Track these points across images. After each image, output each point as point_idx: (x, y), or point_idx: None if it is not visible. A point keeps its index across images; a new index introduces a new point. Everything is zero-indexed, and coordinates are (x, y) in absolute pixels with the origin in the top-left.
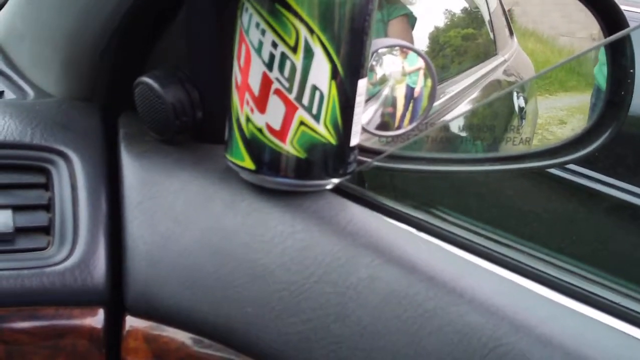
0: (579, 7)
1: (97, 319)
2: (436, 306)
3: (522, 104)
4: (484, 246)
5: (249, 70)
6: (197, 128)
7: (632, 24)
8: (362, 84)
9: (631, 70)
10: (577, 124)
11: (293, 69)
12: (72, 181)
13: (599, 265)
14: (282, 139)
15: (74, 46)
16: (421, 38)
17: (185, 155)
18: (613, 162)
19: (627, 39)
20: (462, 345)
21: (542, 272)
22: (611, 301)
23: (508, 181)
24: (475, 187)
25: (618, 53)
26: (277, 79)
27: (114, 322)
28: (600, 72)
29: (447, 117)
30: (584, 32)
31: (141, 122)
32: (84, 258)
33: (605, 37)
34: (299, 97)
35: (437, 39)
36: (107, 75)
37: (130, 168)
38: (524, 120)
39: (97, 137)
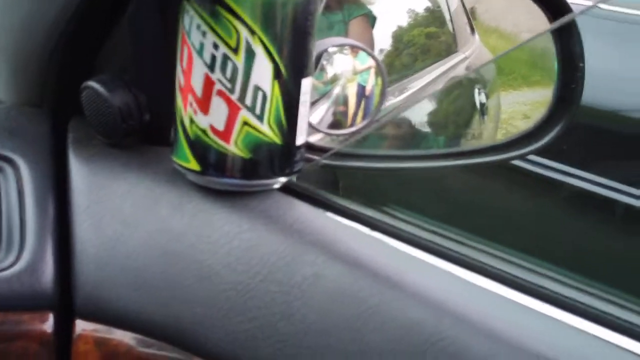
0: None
1: (47, 324)
2: (380, 302)
3: (484, 100)
4: (427, 240)
5: (191, 72)
6: (145, 131)
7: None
8: (307, 83)
9: (581, 64)
10: (540, 118)
11: (235, 69)
12: (19, 187)
13: (544, 256)
14: (226, 140)
15: (21, 51)
16: (385, 37)
17: (132, 158)
18: (566, 151)
19: (574, 31)
20: (405, 341)
21: (486, 264)
22: (556, 292)
23: (454, 176)
24: (423, 184)
25: (566, 46)
26: (219, 80)
27: (64, 326)
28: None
29: (409, 115)
30: (547, 27)
31: (89, 125)
32: (32, 263)
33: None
34: (242, 98)
35: (401, 38)
36: (55, 80)
37: (78, 172)
38: (485, 117)
39: (46, 143)
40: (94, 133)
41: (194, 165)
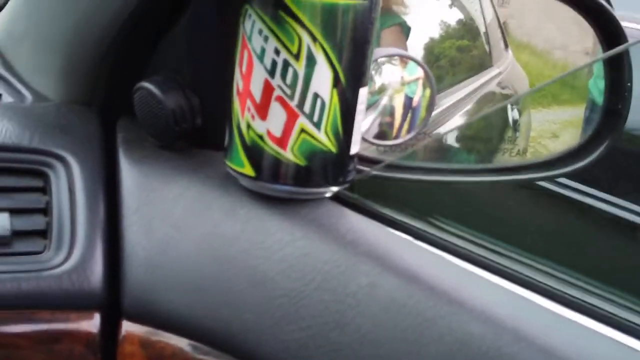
0: (573, 21)
1: (93, 323)
2: (436, 315)
3: (517, 117)
4: (482, 256)
5: (250, 77)
6: (197, 134)
7: (630, 40)
8: (364, 93)
9: (628, 84)
10: (569, 138)
11: (295, 76)
12: (70, 185)
13: (596, 277)
14: (283, 146)
15: (74, 51)
16: (416, 48)
17: (184, 161)
18: (609, 178)
19: (624, 52)
20: (462, 354)
21: (542, 283)
22: (609, 312)
23: (506, 192)
24: (473, 198)
25: (615, 66)
26: (279, 86)
27: (111, 327)
28: (595, 86)
29: (444, 128)
30: (578, 45)
31: (140, 127)
32: (81, 262)
33: (604, 49)
34: (301, 105)
35: (432, 50)
36: (106, 79)
37: (129, 173)
38: (518, 133)
39: (96, 142)
40: (145, 134)
41: (248, 170)
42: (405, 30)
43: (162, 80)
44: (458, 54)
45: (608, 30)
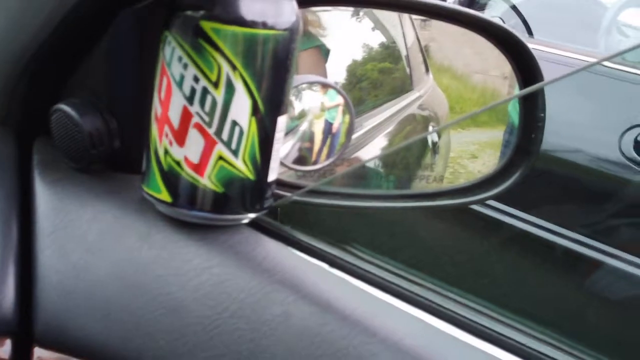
0: (491, 46)
1: (4, 350)
2: (349, 345)
3: (436, 139)
4: (397, 285)
5: (169, 103)
6: (114, 157)
7: (543, 64)
8: (282, 121)
9: (542, 114)
10: (487, 159)
11: (214, 103)
12: None
13: (510, 304)
14: (200, 173)
15: None
16: (338, 70)
17: (100, 184)
18: (523, 197)
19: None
20: None
21: (455, 312)
22: (521, 343)
23: (421, 218)
24: (390, 224)
25: (529, 99)
26: (197, 113)
27: (22, 353)
28: (514, 109)
29: (364, 153)
30: (496, 70)
31: (57, 148)
32: None
33: (519, 79)
34: (219, 132)
35: (354, 72)
36: (23, 99)
37: (43, 196)
38: (437, 155)
39: (10, 163)
40: (61, 156)
41: (165, 196)
42: (323, 52)
43: (79, 102)
44: (380, 76)
45: (522, 62)
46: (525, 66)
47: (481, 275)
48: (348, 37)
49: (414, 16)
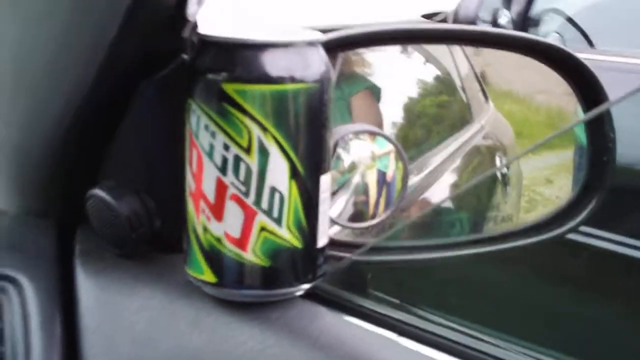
0: None
1: None
2: None
3: (505, 170)
4: (476, 350)
5: (202, 176)
6: (157, 239)
7: (609, 74)
8: (326, 180)
9: (611, 134)
10: (563, 182)
11: (248, 171)
12: (24, 309)
13: None
14: (243, 248)
15: (23, 159)
16: (394, 110)
17: (145, 269)
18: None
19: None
20: None
21: None
22: None
23: (497, 265)
24: (462, 276)
25: (595, 121)
26: (233, 184)
27: None
28: (580, 129)
29: (432, 194)
30: (561, 87)
31: (97, 235)
32: None
33: (580, 101)
34: (258, 201)
35: (412, 109)
36: (61, 189)
37: (87, 288)
38: (508, 187)
39: (52, 257)
40: (103, 243)
41: (209, 276)
42: (375, 92)
43: (114, 185)
44: (439, 111)
45: (584, 85)
46: (585, 85)
47: (576, 325)
48: (399, 74)
49: None
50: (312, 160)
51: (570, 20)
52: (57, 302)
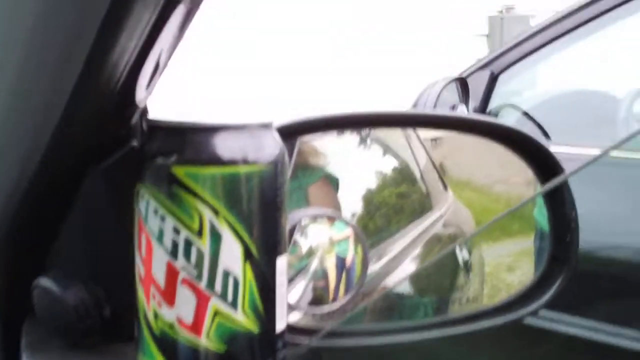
0: (509, 153)
1: None
2: None
3: (466, 257)
4: None
5: (151, 261)
6: (107, 327)
7: (565, 165)
8: (282, 262)
9: (573, 214)
10: (526, 268)
11: (200, 255)
12: None
13: None
14: (197, 333)
15: None
16: (354, 200)
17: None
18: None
19: (563, 183)
20: None
21: None
22: None
23: (463, 346)
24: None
25: (556, 199)
26: (184, 268)
27: None
28: (540, 214)
29: (389, 282)
30: (518, 176)
31: (43, 326)
32: None
33: (541, 182)
34: (211, 285)
35: (371, 200)
36: (5, 278)
37: None
38: (470, 273)
39: None
40: (51, 335)
41: None
42: (332, 182)
43: (60, 274)
44: (398, 201)
45: (541, 163)
46: (542, 164)
47: None
48: (358, 165)
49: (424, 137)
50: (266, 242)
51: (526, 114)
52: None
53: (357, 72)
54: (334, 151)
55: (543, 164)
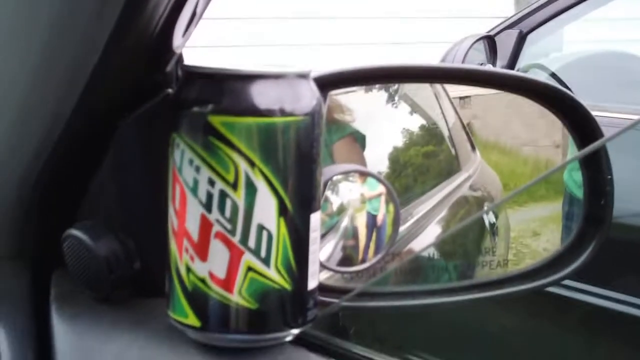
0: (538, 114)
1: None
2: None
3: (493, 220)
4: None
5: (185, 213)
6: (137, 281)
7: (604, 130)
8: (316, 219)
9: (609, 177)
10: (551, 235)
11: (235, 208)
12: None
13: None
14: (229, 289)
15: None
16: (380, 159)
17: (123, 314)
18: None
19: (601, 148)
20: None
21: None
22: None
23: (490, 310)
24: (456, 322)
25: (592, 161)
26: (218, 221)
27: None
28: (570, 178)
29: (417, 244)
30: (547, 139)
31: (73, 278)
32: None
33: (577, 142)
34: (244, 240)
35: (397, 159)
36: (35, 229)
37: (62, 333)
38: (496, 237)
39: (25, 300)
40: (80, 287)
41: (193, 320)
42: (359, 139)
43: (91, 225)
44: (425, 161)
45: (580, 124)
46: (581, 125)
47: None
48: (385, 123)
49: (452, 95)
50: (302, 197)
51: (554, 75)
52: (31, 347)
53: (382, 31)
54: (362, 108)
55: (581, 123)
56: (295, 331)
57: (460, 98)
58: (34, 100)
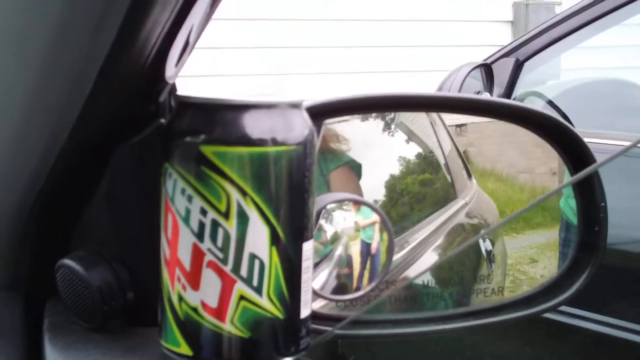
0: (534, 143)
1: None
2: None
3: (490, 247)
4: None
5: (177, 243)
6: (130, 311)
7: (597, 156)
8: (308, 247)
9: (602, 204)
10: (548, 262)
11: (227, 237)
12: None
13: None
14: (221, 318)
15: None
16: (376, 187)
17: (116, 344)
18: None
19: (594, 173)
20: None
21: None
22: None
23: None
24: (454, 348)
25: (586, 188)
26: (210, 250)
27: None
28: (567, 205)
29: (412, 272)
30: (543, 167)
31: (66, 308)
32: None
33: (571, 171)
34: (236, 269)
35: (394, 188)
36: (29, 259)
37: None
38: (493, 264)
39: (18, 331)
40: (73, 317)
41: (185, 349)
42: (355, 168)
43: (85, 255)
44: (421, 189)
45: (573, 152)
46: (574, 153)
47: None
48: (381, 151)
49: (448, 123)
50: (294, 226)
51: (551, 102)
52: None
53: (379, 58)
54: (358, 136)
55: (574, 151)
56: (289, 359)
57: (457, 126)
58: (28, 131)
